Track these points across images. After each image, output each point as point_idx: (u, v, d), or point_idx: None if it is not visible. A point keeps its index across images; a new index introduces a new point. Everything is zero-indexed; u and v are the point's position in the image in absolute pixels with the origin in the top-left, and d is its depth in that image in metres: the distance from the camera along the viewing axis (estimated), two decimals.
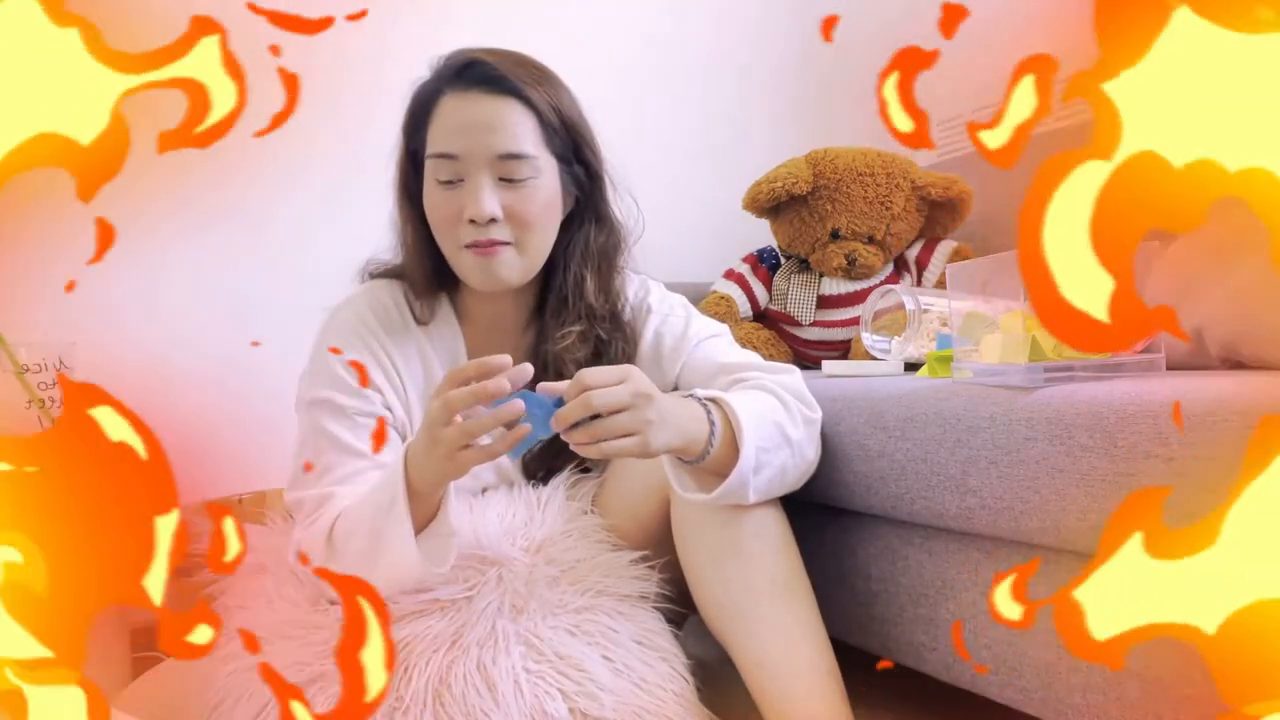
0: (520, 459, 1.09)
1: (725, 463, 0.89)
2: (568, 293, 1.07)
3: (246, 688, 0.85)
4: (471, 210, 0.97)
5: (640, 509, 1.02)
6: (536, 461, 1.10)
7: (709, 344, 1.11)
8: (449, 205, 0.99)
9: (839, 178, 1.62)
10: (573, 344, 1.05)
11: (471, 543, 0.97)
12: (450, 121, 0.99)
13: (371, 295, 1.08)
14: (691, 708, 0.91)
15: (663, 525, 1.01)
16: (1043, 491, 0.78)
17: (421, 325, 1.08)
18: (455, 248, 1.01)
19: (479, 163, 0.98)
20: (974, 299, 0.94)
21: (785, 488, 0.97)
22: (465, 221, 0.98)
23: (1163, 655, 0.72)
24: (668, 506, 0.99)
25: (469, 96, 0.99)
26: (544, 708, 0.84)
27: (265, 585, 0.97)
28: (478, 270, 1.00)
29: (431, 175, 1.00)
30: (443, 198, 0.99)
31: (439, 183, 0.99)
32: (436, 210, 1.00)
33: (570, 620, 0.92)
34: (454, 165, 0.98)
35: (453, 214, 0.99)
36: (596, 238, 1.10)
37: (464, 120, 0.98)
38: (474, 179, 0.98)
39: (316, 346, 1.06)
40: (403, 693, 0.84)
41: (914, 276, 1.70)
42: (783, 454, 0.93)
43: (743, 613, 0.91)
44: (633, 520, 1.03)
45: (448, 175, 0.98)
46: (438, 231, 1.02)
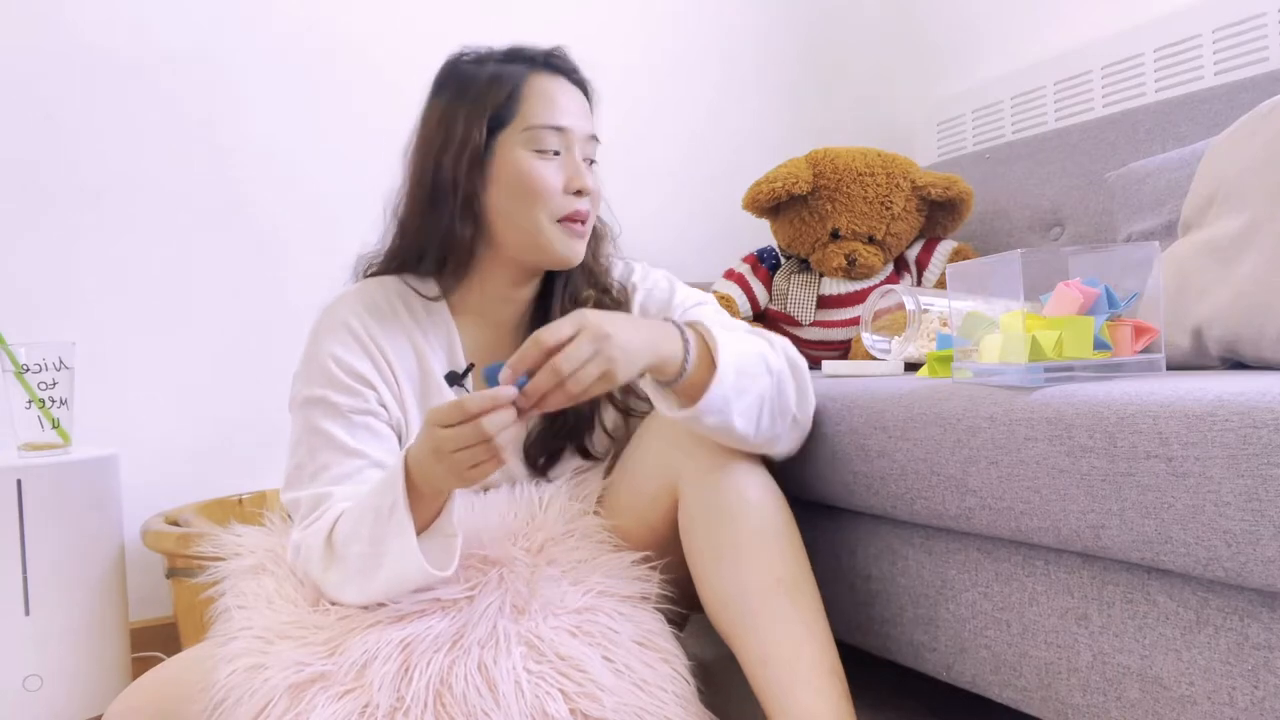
0: (523, 448, 1.10)
1: (703, 384, 0.89)
2: (583, 284, 1.12)
3: (248, 687, 0.85)
4: (580, 181, 1.04)
5: (649, 512, 1.02)
6: (537, 447, 1.10)
7: (695, 311, 1.13)
8: (554, 174, 1.03)
9: (839, 178, 1.62)
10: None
11: (473, 543, 0.97)
12: (555, 98, 1.05)
13: (364, 292, 1.08)
14: (692, 709, 0.91)
15: (670, 527, 1.01)
16: (1043, 491, 0.78)
17: (425, 315, 1.08)
18: (548, 219, 1.03)
19: (578, 138, 1.05)
20: (974, 299, 0.94)
21: (775, 429, 0.96)
22: (570, 192, 1.04)
23: (1163, 655, 0.73)
24: (675, 509, 1.00)
25: (559, 80, 1.07)
26: (545, 708, 0.84)
27: (266, 585, 0.97)
28: (568, 242, 1.05)
29: (528, 145, 1.03)
30: (546, 167, 1.03)
31: (538, 152, 1.03)
32: (537, 176, 1.02)
33: (571, 621, 0.92)
34: (561, 137, 1.04)
35: (556, 184, 1.03)
36: (598, 235, 1.14)
37: (566, 99, 1.06)
38: (573, 154, 1.05)
39: (309, 345, 1.05)
40: (404, 693, 0.84)
41: (914, 276, 1.70)
42: (763, 381, 0.93)
43: (748, 610, 0.92)
44: (640, 522, 1.03)
45: (555, 146, 1.04)
46: (528, 202, 1.03)
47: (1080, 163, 1.63)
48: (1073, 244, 1.61)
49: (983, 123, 2.05)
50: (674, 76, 2.15)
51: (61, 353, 1.44)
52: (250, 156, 1.77)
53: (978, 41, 2.13)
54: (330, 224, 1.79)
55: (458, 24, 1.89)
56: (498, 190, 1.04)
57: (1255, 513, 0.62)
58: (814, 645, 0.90)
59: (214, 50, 1.74)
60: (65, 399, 1.45)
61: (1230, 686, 0.68)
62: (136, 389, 1.68)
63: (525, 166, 1.02)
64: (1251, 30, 1.52)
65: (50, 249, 1.63)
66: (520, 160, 1.03)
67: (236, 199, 1.76)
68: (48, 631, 1.35)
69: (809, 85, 2.28)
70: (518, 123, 1.03)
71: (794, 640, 0.90)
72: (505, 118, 1.04)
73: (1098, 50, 1.78)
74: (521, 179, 1.02)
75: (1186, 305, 0.92)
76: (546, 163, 1.03)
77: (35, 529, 1.34)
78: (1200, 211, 1.00)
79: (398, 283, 1.09)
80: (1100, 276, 0.83)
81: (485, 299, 1.10)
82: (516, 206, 1.03)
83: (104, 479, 1.45)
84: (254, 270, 1.77)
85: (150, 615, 1.66)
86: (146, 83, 1.69)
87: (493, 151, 1.04)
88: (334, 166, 1.81)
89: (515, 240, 1.05)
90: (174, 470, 1.69)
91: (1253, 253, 0.87)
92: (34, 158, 1.62)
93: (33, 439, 1.43)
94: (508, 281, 1.09)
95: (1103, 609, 0.77)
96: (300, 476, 1.00)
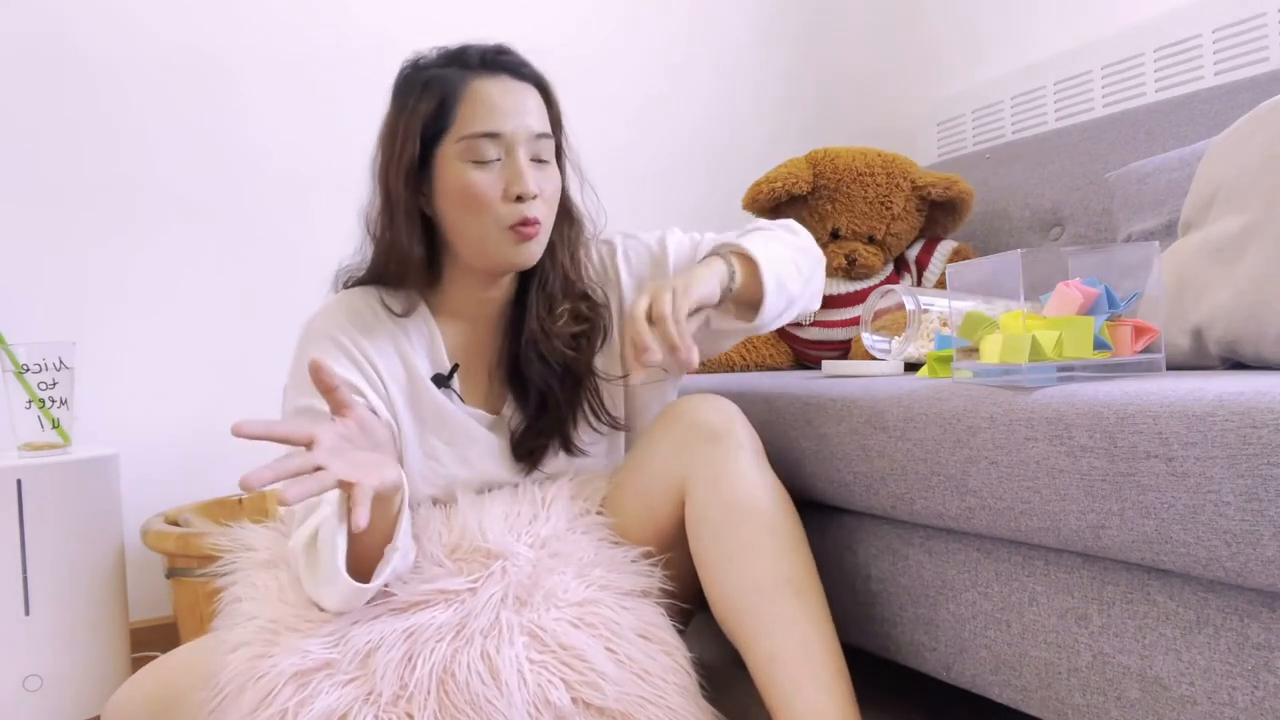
0: (510, 444, 1.11)
1: (752, 287, 1.03)
2: (557, 280, 1.11)
3: (252, 673, 0.85)
4: (520, 186, 1.00)
5: (657, 509, 1.03)
6: (521, 446, 1.11)
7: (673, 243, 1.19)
8: (492, 183, 1.00)
9: (839, 178, 1.62)
10: (566, 322, 1.10)
11: (476, 536, 0.98)
12: (491, 102, 1.01)
13: (344, 301, 1.08)
14: (693, 700, 0.91)
15: (675, 525, 1.02)
16: (1043, 491, 0.78)
17: (402, 318, 1.08)
18: (495, 229, 1.01)
19: (519, 140, 1.01)
20: (974, 299, 0.94)
21: (804, 276, 1.12)
22: (510, 200, 1.01)
23: (1163, 655, 0.72)
24: (682, 508, 1.01)
25: (501, 80, 1.03)
26: (547, 697, 0.85)
27: (279, 578, 0.98)
28: (517, 249, 1.03)
29: (464, 157, 1.00)
30: (484, 176, 1.00)
31: (475, 163, 1.00)
32: (476, 189, 1.00)
33: (573, 612, 0.92)
34: (497, 143, 1.01)
35: (496, 192, 1.00)
36: (568, 228, 1.13)
37: (505, 101, 1.02)
38: (514, 157, 1.01)
39: (296, 358, 1.06)
40: (407, 680, 0.85)
41: (914, 276, 1.70)
42: (794, 280, 1.09)
43: (757, 609, 0.93)
44: (647, 519, 1.04)
45: (491, 154, 1.00)
46: (471, 213, 1.01)
47: (1080, 163, 1.63)
48: (1073, 244, 1.61)
49: (983, 123, 2.05)
50: (674, 77, 2.15)
51: (61, 353, 1.44)
52: (253, 157, 1.77)
53: (978, 41, 2.13)
54: (331, 225, 1.79)
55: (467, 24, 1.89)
56: (442, 203, 1.03)
57: (1255, 513, 0.62)
58: (821, 645, 0.91)
59: (215, 50, 1.74)
60: (65, 399, 1.45)
61: (1230, 686, 0.68)
62: (136, 389, 1.68)
63: (462, 178, 1.00)
64: (1251, 30, 1.52)
65: (50, 249, 1.63)
66: (457, 172, 1.00)
67: (237, 199, 1.76)
68: (48, 631, 1.35)
69: (809, 85, 2.28)
70: (453, 132, 1.01)
71: (802, 639, 0.91)
72: (441, 128, 1.01)
73: (1098, 50, 1.78)
74: (460, 191, 1.01)
75: (1186, 305, 0.92)
76: (484, 172, 1.00)
77: (35, 529, 1.34)
78: (1200, 211, 1.00)
79: (377, 289, 1.09)
80: (1100, 276, 0.83)
81: (460, 301, 1.10)
82: (461, 218, 1.02)
83: (104, 479, 1.45)
84: (254, 270, 1.77)
85: (150, 615, 1.66)
86: (148, 83, 1.69)
87: (432, 164, 1.02)
88: (337, 168, 1.81)
89: (467, 250, 1.04)
90: (174, 470, 1.69)
91: (1253, 253, 0.87)
92: (34, 158, 1.62)
93: (33, 439, 1.43)
94: (477, 285, 1.09)
95: (1103, 609, 0.77)
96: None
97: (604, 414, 1.13)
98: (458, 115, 1.01)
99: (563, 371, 1.10)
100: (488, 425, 1.11)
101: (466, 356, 1.11)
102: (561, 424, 1.11)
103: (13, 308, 1.59)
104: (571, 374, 1.11)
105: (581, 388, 1.12)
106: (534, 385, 1.09)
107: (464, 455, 1.08)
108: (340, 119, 1.83)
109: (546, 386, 1.09)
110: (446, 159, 1.01)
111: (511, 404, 1.12)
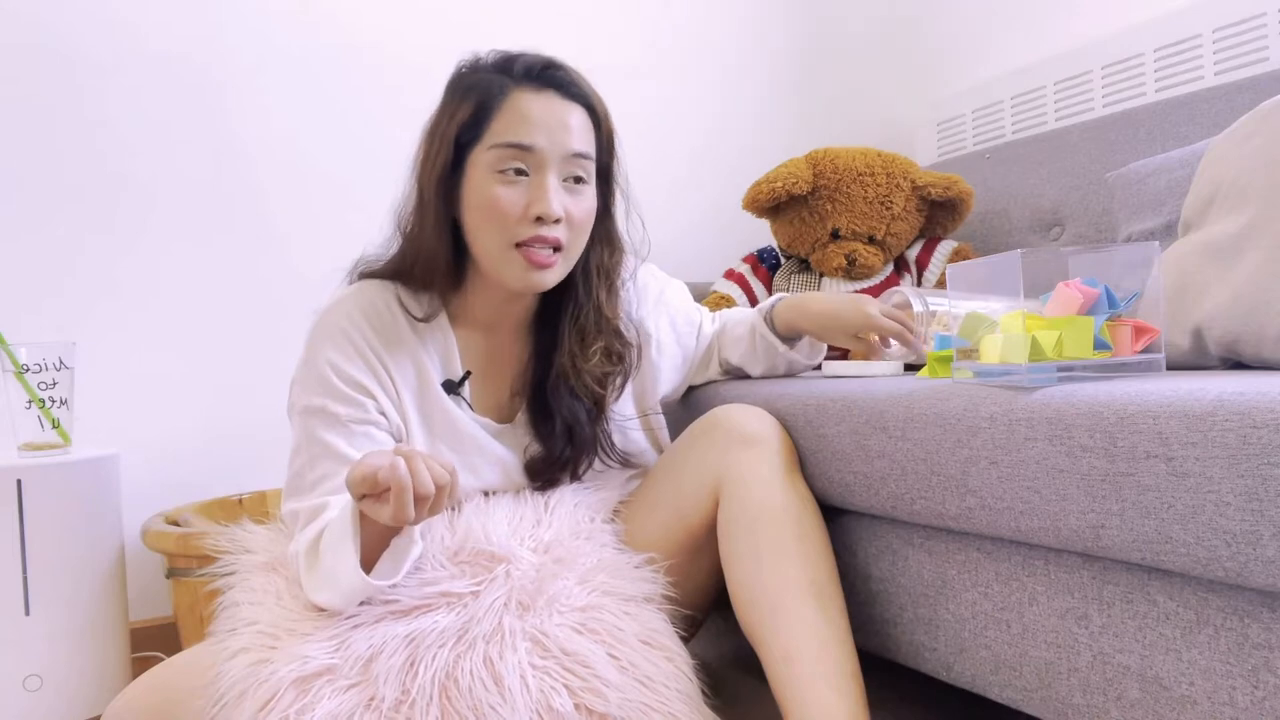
0: (523, 464, 1.11)
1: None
2: (590, 312, 1.09)
3: (253, 679, 0.85)
4: (541, 207, 0.98)
5: (689, 512, 1.04)
6: (537, 473, 1.12)
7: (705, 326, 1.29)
8: (513, 199, 0.98)
9: (839, 178, 1.62)
10: (599, 360, 1.09)
11: (480, 539, 0.98)
12: (529, 114, 0.99)
13: (362, 296, 1.05)
14: (696, 706, 0.91)
15: (705, 528, 1.04)
16: (1043, 491, 0.78)
17: (420, 323, 1.06)
18: (505, 244, 0.99)
19: (551, 158, 0.99)
20: (974, 299, 0.94)
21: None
22: (529, 218, 0.98)
23: (1163, 655, 0.72)
24: (714, 510, 1.02)
25: (545, 95, 1.00)
26: (550, 703, 0.85)
27: (277, 582, 0.97)
28: (525, 272, 1.00)
29: (491, 166, 0.98)
30: (506, 190, 0.98)
31: (500, 173, 0.98)
32: (497, 202, 0.98)
33: (576, 618, 0.92)
34: (526, 157, 0.98)
35: (516, 208, 0.98)
36: (608, 255, 1.12)
37: (543, 116, 0.99)
38: (542, 175, 0.99)
39: (307, 351, 1.03)
40: (409, 686, 0.84)
41: (914, 276, 1.70)
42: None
43: (779, 608, 0.93)
44: (678, 521, 1.05)
45: (517, 166, 0.98)
46: (488, 225, 1.00)
47: (1080, 163, 1.63)
48: (1073, 244, 1.61)
49: (983, 123, 2.05)
50: (674, 77, 2.15)
51: (61, 353, 1.45)
52: (253, 156, 1.77)
53: (978, 41, 2.13)
54: (333, 225, 1.80)
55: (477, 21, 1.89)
56: (467, 210, 1.01)
57: (1255, 513, 0.62)
58: (839, 648, 0.92)
59: (217, 49, 1.74)
60: (65, 399, 1.45)
61: (1230, 686, 0.68)
62: (136, 389, 1.68)
63: (487, 188, 0.98)
64: (1251, 30, 1.52)
65: (51, 249, 1.63)
66: (483, 181, 0.99)
67: (237, 199, 1.76)
68: (48, 631, 1.36)
69: (809, 85, 2.28)
70: (485, 140, 0.99)
71: (820, 640, 0.92)
72: (476, 134, 1.00)
73: (1098, 50, 1.78)
74: (482, 201, 0.99)
75: (1186, 305, 0.92)
76: (509, 186, 0.98)
77: (35, 529, 1.34)
78: (1200, 211, 1.00)
79: (396, 286, 1.07)
80: (1100, 276, 0.83)
81: (481, 308, 1.10)
82: (479, 228, 1.01)
83: (104, 479, 1.45)
84: (255, 270, 1.77)
85: (150, 615, 1.66)
86: (149, 83, 1.69)
87: (463, 170, 1.01)
88: (339, 167, 1.81)
89: (484, 263, 1.03)
90: (174, 470, 1.69)
91: (1253, 253, 0.87)
92: (35, 158, 1.62)
93: (33, 439, 1.43)
94: (500, 297, 1.08)
95: (1103, 609, 0.77)
96: (300, 485, 0.99)
97: (614, 452, 1.15)
98: (492, 124, 0.99)
99: (591, 406, 1.10)
100: (495, 434, 1.10)
101: (482, 364, 1.11)
102: (575, 464, 1.12)
103: (13, 308, 1.59)
104: (598, 409, 1.11)
105: (601, 424, 1.13)
106: (561, 417, 1.09)
107: (471, 464, 1.08)
108: (351, 120, 1.83)
109: (574, 420, 1.09)
110: (476, 166, 1.00)
111: (527, 423, 1.12)
